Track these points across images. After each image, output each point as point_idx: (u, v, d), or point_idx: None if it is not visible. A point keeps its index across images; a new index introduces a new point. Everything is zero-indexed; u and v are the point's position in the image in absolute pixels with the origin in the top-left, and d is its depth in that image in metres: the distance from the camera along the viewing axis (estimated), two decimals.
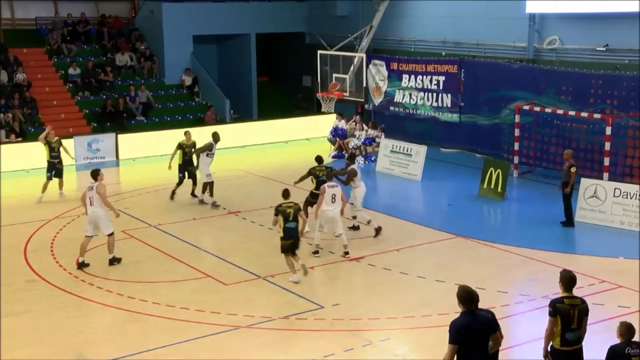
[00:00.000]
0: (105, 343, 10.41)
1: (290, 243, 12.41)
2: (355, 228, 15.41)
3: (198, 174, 17.67)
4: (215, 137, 17.51)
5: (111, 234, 13.42)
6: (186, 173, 17.70)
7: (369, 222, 15.10)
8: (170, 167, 17.65)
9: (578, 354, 7.74)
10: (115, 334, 10.72)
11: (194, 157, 17.63)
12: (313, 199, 14.70)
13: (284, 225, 12.34)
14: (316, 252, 13.90)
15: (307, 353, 10.04)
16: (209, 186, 17.31)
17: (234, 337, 10.59)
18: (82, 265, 13.25)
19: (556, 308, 7.60)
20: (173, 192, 17.82)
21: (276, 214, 12.40)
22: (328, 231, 13.94)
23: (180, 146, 17.66)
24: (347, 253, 13.79)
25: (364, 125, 23.52)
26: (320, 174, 14.96)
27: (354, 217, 15.43)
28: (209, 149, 17.33)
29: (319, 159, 15.43)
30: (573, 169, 15.33)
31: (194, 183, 17.77)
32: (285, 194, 12.64)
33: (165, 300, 11.77)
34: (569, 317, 7.61)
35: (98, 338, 10.60)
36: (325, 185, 13.84)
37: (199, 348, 10.24)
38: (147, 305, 11.66)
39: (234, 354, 10.07)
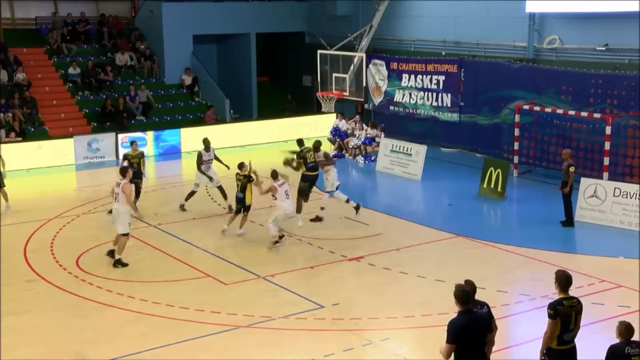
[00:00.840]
0: (106, 343, 10.41)
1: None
2: (318, 219, 15.72)
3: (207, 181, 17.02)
4: (205, 143, 16.95)
5: (125, 235, 13.41)
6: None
7: (347, 200, 15.75)
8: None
9: (573, 353, 7.75)
10: (115, 334, 10.72)
11: (142, 167, 16.83)
12: (305, 182, 15.57)
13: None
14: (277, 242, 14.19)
15: (307, 353, 10.04)
16: (189, 194, 16.93)
17: (234, 336, 10.59)
18: (118, 263, 13.31)
19: (557, 311, 7.59)
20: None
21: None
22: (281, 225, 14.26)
23: (125, 157, 17.00)
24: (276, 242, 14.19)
25: (363, 124, 23.53)
26: (309, 158, 15.62)
27: (322, 209, 15.87)
28: (200, 158, 16.75)
29: (300, 142, 16.10)
30: (572, 169, 15.32)
31: (137, 196, 16.32)
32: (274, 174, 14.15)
33: (165, 300, 11.78)
34: (568, 318, 7.61)
35: (98, 338, 10.60)
36: (276, 184, 14.10)
37: (199, 348, 10.24)
38: (147, 305, 11.66)
39: (234, 353, 10.07)
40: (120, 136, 23.16)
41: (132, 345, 10.25)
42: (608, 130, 17.67)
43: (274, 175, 14.35)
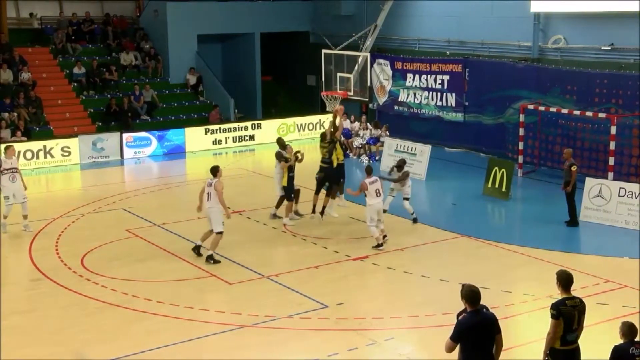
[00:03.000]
0: (110, 342, 10.43)
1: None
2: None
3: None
4: (279, 142, 16.47)
5: (219, 233, 13.49)
6: None
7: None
8: None
9: (576, 353, 7.73)
10: (119, 333, 10.74)
11: None
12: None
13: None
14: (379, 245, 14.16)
15: (311, 352, 10.04)
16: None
17: (238, 336, 10.60)
18: (210, 258, 13.50)
19: (560, 311, 7.57)
20: None
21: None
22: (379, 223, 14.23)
23: None
24: (384, 237, 14.37)
25: (368, 124, 23.51)
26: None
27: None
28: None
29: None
30: (574, 168, 15.30)
31: None
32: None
33: (170, 299, 11.79)
34: (571, 318, 7.59)
35: (102, 337, 10.62)
36: (366, 181, 14.09)
37: (203, 347, 10.25)
38: (151, 304, 11.68)
39: (238, 353, 10.08)
40: (125, 136, 23.21)
41: (136, 344, 10.27)
42: (613, 130, 17.63)
43: (368, 171, 14.41)
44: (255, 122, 25.87)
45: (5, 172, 14.97)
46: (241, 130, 25.36)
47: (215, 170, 13.73)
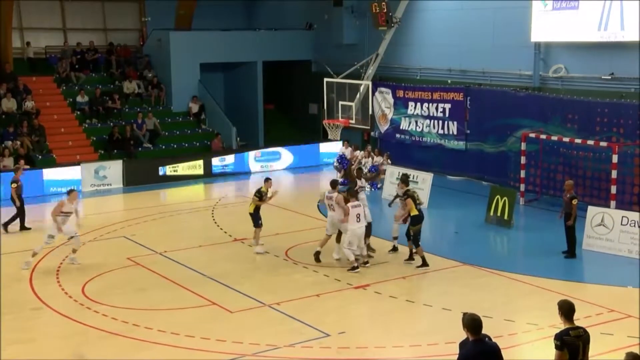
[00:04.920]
0: None
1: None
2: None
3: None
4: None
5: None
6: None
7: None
8: None
9: None
10: None
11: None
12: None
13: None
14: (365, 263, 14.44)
15: None
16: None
17: None
18: (317, 254, 14.80)
19: (564, 341, 7.50)
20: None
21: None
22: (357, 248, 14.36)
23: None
24: (366, 262, 14.66)
25: (371, 153, 23.52)
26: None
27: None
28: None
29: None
30: (575, 201, 15.22)
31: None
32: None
33: (171, 328, 11.72)
34: (576, 349, 7.51)
35: None
36: (349, 205, 14.21)
37: None
38: (152, 333, 11.61)
39: None
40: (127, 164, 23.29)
41: None
42: (615, 158, 17.64)
43: (352, 194, 14.54)
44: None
45: (61, 215, 15.02)
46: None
47: (334, 184, 15.04)
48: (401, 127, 25.26)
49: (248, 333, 11.57)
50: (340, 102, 23.80)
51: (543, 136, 19.76)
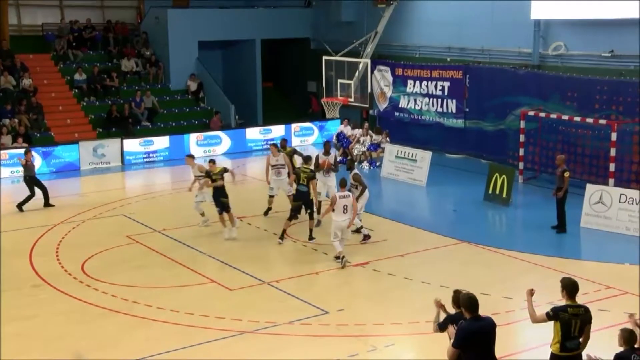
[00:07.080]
0: (110, 349, 10.41)
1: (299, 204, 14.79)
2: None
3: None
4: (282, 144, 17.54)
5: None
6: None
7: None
8: None
9: None
10: (119, 340, 10.72)
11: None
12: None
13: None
14: (338, 257, 13.66)
15: (311, 358, 10.02)
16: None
17: (238, 342, 10.59)
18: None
19: (557, 315, 7.55)
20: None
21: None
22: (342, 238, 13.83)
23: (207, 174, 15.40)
24: (337, 257, 13.70)
25: (370, 131, 23.53)
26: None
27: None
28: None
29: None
30: (567, 174, 15.27)
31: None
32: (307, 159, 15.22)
33: (170, 306, 11.78)
34: (569, 326, 7.55)
35: (103, 343, 10.60)
36: (338, 194, 13.71)
37: (203, 353, 10.23)
38: (151, 310, 11.66)
39: (238, 359, 10.06)
40: (126, 142, 23.24)
41: (136, 351, 10.25)
42: (614, 136, 17.64)
43: (342, 183, 13.98)
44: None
45: (272, 168, 16.47)
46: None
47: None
48: (400, 106, 25.20)
49: (247, 310, 11.63)
50: (339, 80, 23.75)
51: (542, 114, 19.73)
